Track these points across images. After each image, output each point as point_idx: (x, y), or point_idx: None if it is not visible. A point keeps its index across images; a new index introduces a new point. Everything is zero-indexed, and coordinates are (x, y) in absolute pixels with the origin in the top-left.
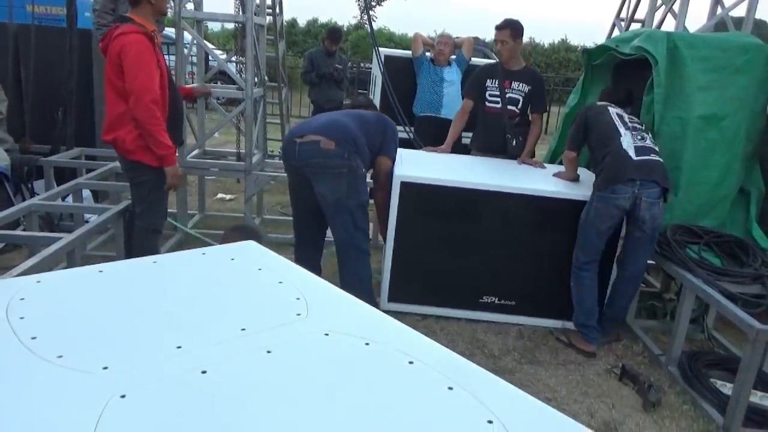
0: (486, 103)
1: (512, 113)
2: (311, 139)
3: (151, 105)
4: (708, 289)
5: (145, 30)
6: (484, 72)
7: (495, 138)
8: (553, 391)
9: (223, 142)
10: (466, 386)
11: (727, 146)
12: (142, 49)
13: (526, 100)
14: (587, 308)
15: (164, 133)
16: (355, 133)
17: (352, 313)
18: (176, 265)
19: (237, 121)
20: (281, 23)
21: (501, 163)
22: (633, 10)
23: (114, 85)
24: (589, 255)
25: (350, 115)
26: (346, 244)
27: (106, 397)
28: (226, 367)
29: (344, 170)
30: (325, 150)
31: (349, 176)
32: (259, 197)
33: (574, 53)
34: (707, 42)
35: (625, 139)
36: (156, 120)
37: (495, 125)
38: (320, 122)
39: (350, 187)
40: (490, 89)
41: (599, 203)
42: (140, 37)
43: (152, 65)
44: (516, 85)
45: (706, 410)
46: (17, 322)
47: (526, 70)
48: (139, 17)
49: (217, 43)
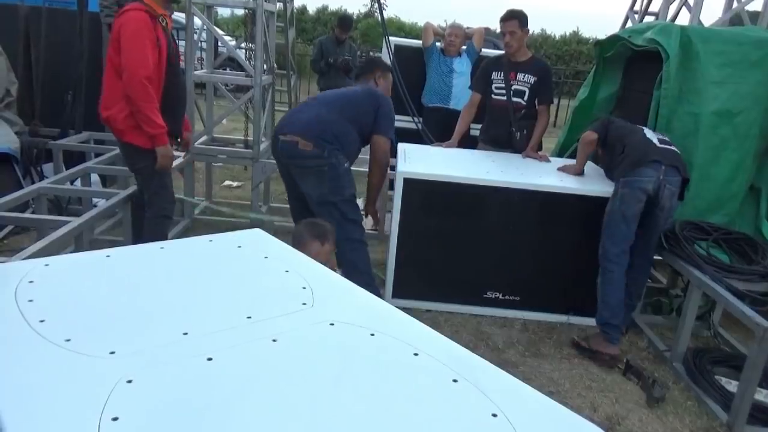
0: (492, 95)
1: (518, 106)
2: (291, 139)
3: (144, 81)
4: (715, 286)
5: (150, 10)
6: (490, 64)
7: (501, 131)
8: (556, 385)
9: (231, 129)
10: (471, 379)
11: (739, 142)
12: (140, 26)
13: (532, 91)
14: (614, 305)
15: (156, 111)
16: (336, 127)
17: (358, 304)
18: (183, 252)
19: (245, 109)
20: (291, 10)
21: (504, 157)
22: (647, 3)
23: (112, 62)
24: (618, 244)
25: (336, 103)
26: (339, 238)
27: (113, 381)
28: (231, 354)
29: (324, 168)
30: (303, 151)
31: (330, 173)
32: (267, 185)
33: (585, 45)
34: (722, 36)
35: (648, 132)
36: (147, 97)
37: (501, 118)
38: (301, 120)
39: (332, 184)
40: (495, 81)
41: (624, 189)
42: (140, 14)
43: (148, 43)
44: (522, 77)
45: (711, 407)
46: (26, 305)
47: (532, 60)
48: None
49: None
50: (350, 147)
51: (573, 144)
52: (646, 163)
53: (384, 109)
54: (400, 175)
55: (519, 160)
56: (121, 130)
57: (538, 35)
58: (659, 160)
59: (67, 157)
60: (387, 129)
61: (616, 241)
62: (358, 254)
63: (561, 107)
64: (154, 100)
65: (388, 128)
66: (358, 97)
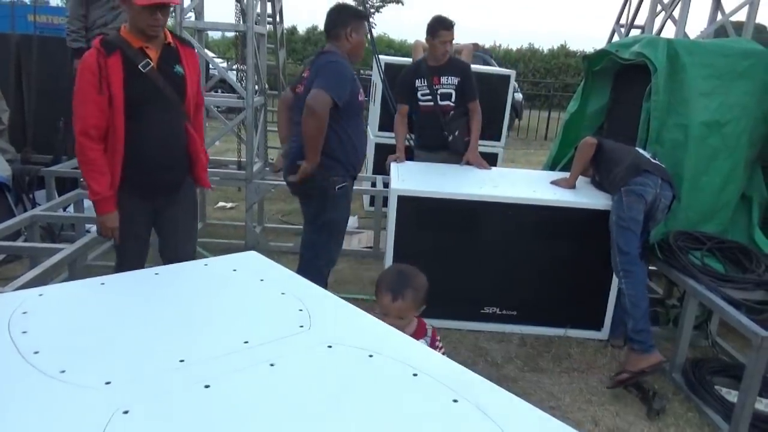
0: (419, 102)
1: (446, 108)
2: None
3: (80, 138)
4: (711, 296)
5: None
6: (410, 73)
7: (434, 136)
8: (556, 399)
9: (224, 151)
10: (471, 398)
11: (729, 152)
12: (82, 69)
13: (458, 92)
14: (644, 309)
15: (94, 174)
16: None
17: (356, 325)
18: (178, 277)
19: (238, 130)
20: (281, 31)
21: (497, 172)
22: (633, 16)
23: None
24: (633, 248)
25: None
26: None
27: (109, 412)
28: (229, 380)
29: (315, 191)
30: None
31: (320, 195)
32: (261, 206)
33: (573, 59)
34: (708, 48)
35: (641, 151)
36: (82, 157)
37: (431, 123)
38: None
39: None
40: (420, 89)
41: (629, 196)
42: (87, 54)
43: (88, 88)
44: (445, 80)
45: (711, 418)
46: (19, 336)
47: (451, 62)
48: (125, 29)
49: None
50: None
51: (564, 157)
52: (645, 172)
53: (324, 71)
54: (394, 192)
55: (512, 174)
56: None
57: (527, 50)
58: (655, 173)
59: (60, 183)
60: (326, 82)
61: (631, 246)
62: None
63: (551, 119)
64: (94, 162)
65: (327, 82)
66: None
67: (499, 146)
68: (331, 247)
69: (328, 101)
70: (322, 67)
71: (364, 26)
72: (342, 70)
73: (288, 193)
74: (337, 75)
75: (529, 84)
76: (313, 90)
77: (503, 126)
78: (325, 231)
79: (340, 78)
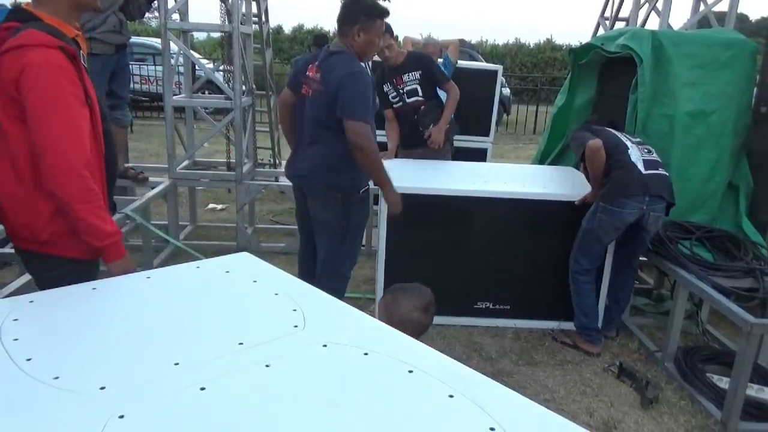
0: (393, 106)
1: (417, 104)
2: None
3: (80, 171)
4: (701, 285)
5: (59, 38)
6: (378, 81)
7: (410, 134)
8: (551, 392)
9: (213, 152)
10: (467, 393)
11: (714, 141)
12: (57, 78)
13: (424, 84)
14: (588, 311)
15: (102, 213)
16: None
17: (350, 323)
18: (170, 280)
19: (226, 131)
20: (267, 31)
21: (484, 167)
22: (617, 9)
23: (9, 131)
24: (591, 262)
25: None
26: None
27: (104, 418)
28: (224, 382)
29: (337, 195)
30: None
31: (342, 201)
32: (251, 206)
33: (559, 52)
34: (691, 39)
35: (633, 153)
36: (88, 195)
37: (405, 122)
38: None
39: (340, 213)
40: (390, 93)
41: (603, 215)
42: (52, 55)
43: (75, 102)
44: (407, 77)
45: (704, 405)
46: (11, 344)
47: (408, 57)
48: (46, 13)
49: (203, 52)
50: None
51: (553, 151)
52: (630, 196)
53: (346, 91)
54: None
55: (503, 169)
56: (45, 242)
57: (513, 45)
58: (643, 193)
59: None
60: (354, 109)
61: (591, 259)
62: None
63: (539, 113)
64: (98, 196)
65: (355, 108)
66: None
67: (488, 141)
68: (354, 250)
69: (366, 129)
70: (344, 86)
71: (376, 25)
72: (361, 85)
73: (278, 193)
74: (360, 95)
75: (517, 79)
76: (348, 123)
77: (491, 121)
78: (350, 236)
79: (363, 95)
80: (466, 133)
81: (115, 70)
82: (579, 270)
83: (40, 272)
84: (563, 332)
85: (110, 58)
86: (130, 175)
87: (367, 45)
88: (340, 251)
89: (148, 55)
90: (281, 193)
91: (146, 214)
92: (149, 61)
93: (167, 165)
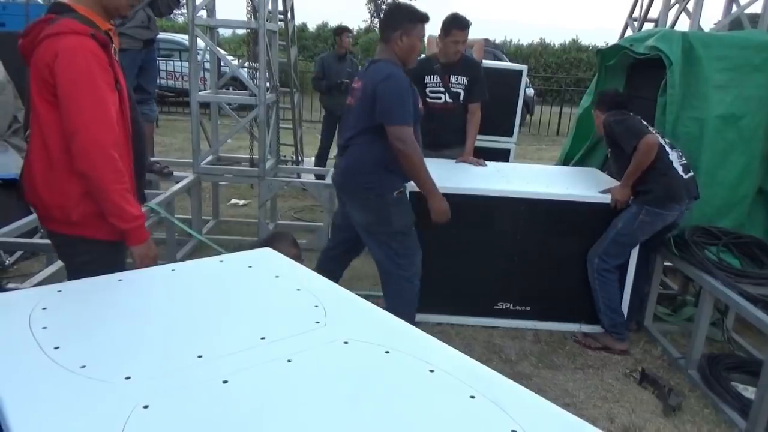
0: (427, 99)
1: (450, 106)
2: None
3: (110, 152)
4: (728, 292)
5: (93, 28)
6: (419, 68)
7: (444, 134)
8: (571, 396)
9: (236, 148)
10: (488, 395)
11: (745, 146)
12: (89, 62)
13: (465, 92)
14: (616, 307)
15: (128, 195)
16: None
17: (371, 321)
18: (194, 273)
19: (250, 127)
20: (293, 28)
21: (509, 167)
22: (646, 10)
23: (42, 114)
24: (619, 260)
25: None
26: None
27: (129, 407)
28: (247, 376)
29: (371, 196)
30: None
31: (378, 202)
32: (273, 202)
33: (585, 53)
34: (723, 41)
35: (674, 156)
36: (117, 175)
37: (432, 121)
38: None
39: (380, 215)
40: (430, 85)
41: (648, 217)
42: (84, 41)
43: (105, 86)
44: (455, 79)
45: (728, 414)
46: (40, 332)
47: (463, 61)
48: (83, 7)
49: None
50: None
51: (578, 153)
52: (679, 201)
53: (384, 96)
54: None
55: (524, 169)
56: (75, 223)
57: (537, 45)
58: (688, 198)
59: None
60: (392, 114)
61: (619, 257)
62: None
63: (563, 115)
64: (125, 178)
65: (393, 113)
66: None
67: (511, 142)
68: (410, 254)
69: (407, 132)
70: (381, 92)
71: (418, 29)
72: (399, 89)
73: (300, 190)
74: (397, 98)
75: (541, 79)
76: (389, 129)
77: (515, 122)
78: (399, 237)
79: (401, 100)
80: (489, 133)
81: (142, 65)
82: (607, 268)
83: (71, 256)
84: (588, 336)
85: (138, 54)
86: (156, 169)
87: (409, 49)
88: (389, 255)
89: (175, 51)
90: (303, 190)
91: (170, 208)
92: (176, 57)
93: (192, 160)
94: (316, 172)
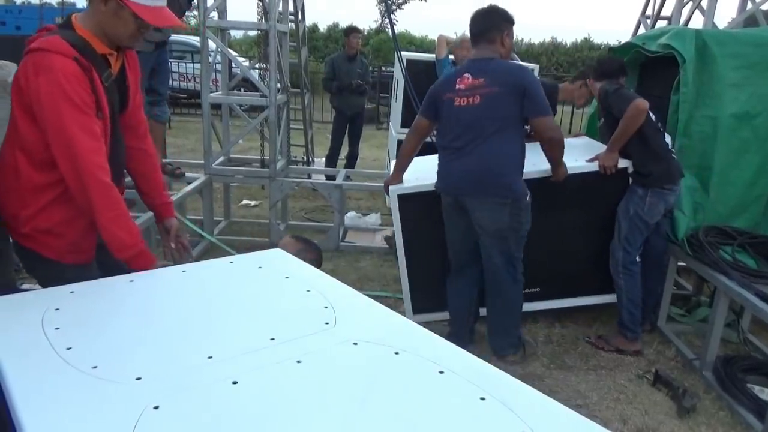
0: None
1: None
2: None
3: (104, 178)
4: (743, 292)
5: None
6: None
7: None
8: (584, 397)
9: (247, 149)
10: (499, 396)
11: (760, 145)
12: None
13: None
14: (639, 302)
15: (126, 221)
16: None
17: (381, 322)
18: (205, 274)
19: (261, 128)
20: (303, 29)
21: None
22: (659, 8)
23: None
24: (636, 251)
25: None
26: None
27: (140, 408)
28: (256, 377)
29: (508, 201)
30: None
31: (513, 207)
32: (284, 203)
33: (597, 52)
34: (738, 38)
35: (669, 140)
36: (107, 201)
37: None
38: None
39: (512, 220)
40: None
41: (654, 198)
42: (65, 63)
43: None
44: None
45: (744, 416)
46: (53, 332)
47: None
48: (83, 26)
49: (240, 50)
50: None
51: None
52: (675, 180)
53: (535, 89)
54: (393, 192)
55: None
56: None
57: (549, 43)
58: (679, 178)
59: None
60: (545, 106)
61: (635, 248)
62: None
63: (575, 114)
64: (121, 202)
65: (545, 105)
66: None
67: None
68: (521, 257)
69: (555, 122)
70: (533, 87)
71: (513, 31)
72: (539, 84)
73: (311, 190)
74: (542, 93)
75: (552, 78)
76: (542, 120)
77: None
78: (521, 241)
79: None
80: None
81: (154, 67)
82: (631, 260)
83: (31, 270)
84: (601, 338)
85: (150, 55)
86: (168, 170)
87: (510, 48)
88: (509, 260)
89: (187, 52)
90: (314, 191)
91: (182, 209)
92: (187, 59)
93: (203, 161)
94: (327, 173)
